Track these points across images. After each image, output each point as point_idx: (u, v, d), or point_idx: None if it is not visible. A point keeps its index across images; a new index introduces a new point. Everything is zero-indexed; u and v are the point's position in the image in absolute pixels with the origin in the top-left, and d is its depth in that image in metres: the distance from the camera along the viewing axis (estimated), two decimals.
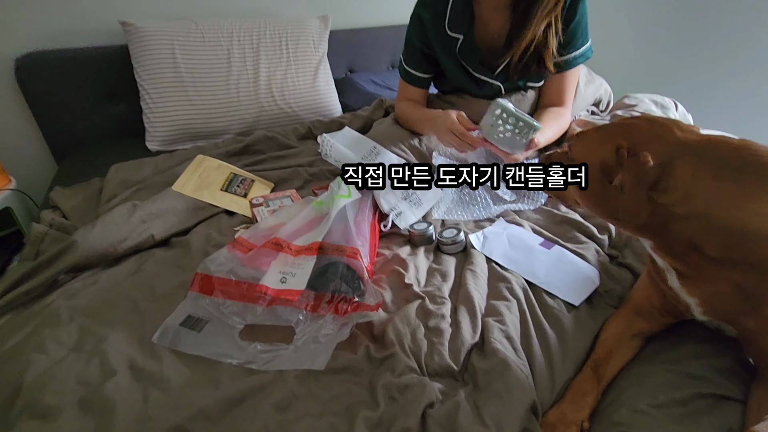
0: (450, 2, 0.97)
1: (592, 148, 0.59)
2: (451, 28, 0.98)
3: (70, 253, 0.72)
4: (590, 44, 1.00)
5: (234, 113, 1.32)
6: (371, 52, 1.80)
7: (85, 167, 1.17)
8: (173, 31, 1.28)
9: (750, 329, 0.52)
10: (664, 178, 0.50)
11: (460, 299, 0.66)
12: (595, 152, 0.58)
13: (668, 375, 0.55)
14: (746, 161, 0.48)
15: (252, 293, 0.63)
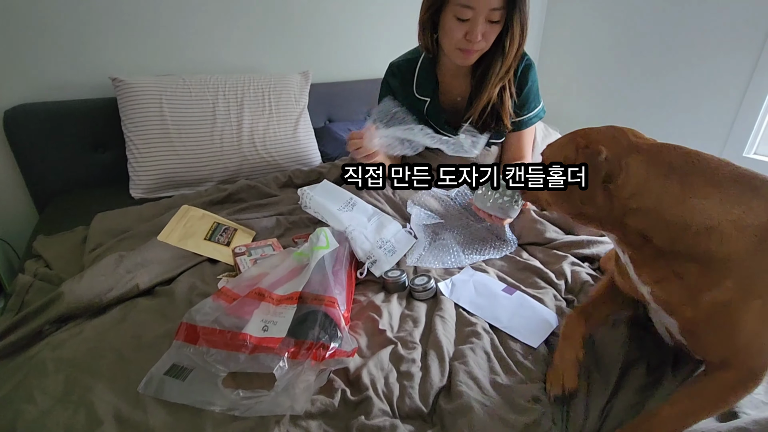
0: (417, 69, 1.10)
1: (558, 150, 0.68)
2: (419, 91, 1.11)
3: (57, 304, 0.75)
4: (543, 106, 1.14)
5: (217, 162, 1.38)
6: (349, 104, 1.91)
7: (67, 215, 1.20)
8: (161, 87, 1.35)
9: (688, 318, 0.58)
10: (620, 174, 0.58)
11: (430, 344, 0.72)
12: (560, 152, 0.67)
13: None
14: (692, 165, 0.56)
15: (235, 341, 0.67)
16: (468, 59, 1.01)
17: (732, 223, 0.52)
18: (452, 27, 0.97)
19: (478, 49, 0.99)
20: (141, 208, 1.15)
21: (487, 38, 0.97)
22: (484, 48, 1.00)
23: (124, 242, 0.99)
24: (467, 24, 0.95)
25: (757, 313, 0.53)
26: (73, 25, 1.35)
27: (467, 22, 0.95)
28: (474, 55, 1.01)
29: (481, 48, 0.99)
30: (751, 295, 0.53)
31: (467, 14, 0.93)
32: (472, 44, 0.97)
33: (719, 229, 0.53)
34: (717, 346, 0.57)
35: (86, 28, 1.37)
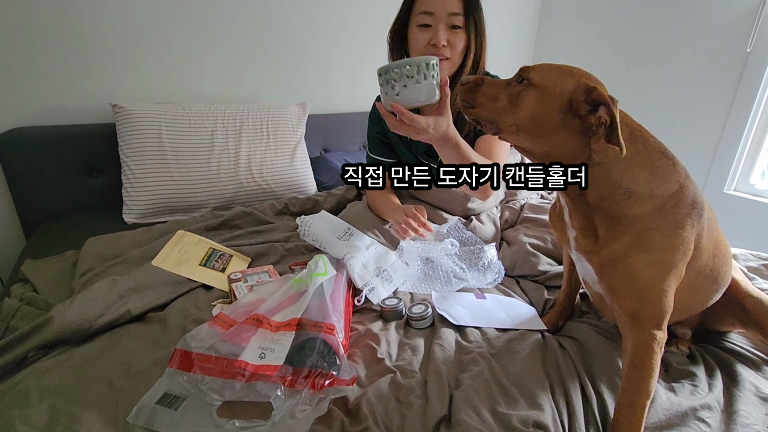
0: None
1: (558, 79, 0.62)
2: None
3: (44, 329, 0.72)
4: None
5: (213, 189, 1.39)
6: (344, 134, 1.96)
7: (56, 240, 1.18)
8: (161, 114, 1.37)
9: (597, 264, 0.67)
10: (617, 129, 0.57)
11: (430, 373, 0.71)
12: (561, 84, 0.61)
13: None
14: (641, 134, 0.63)
15: (231, 369, 0.65)
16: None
17: (648, 191, 0.61)
18: (416, 37, 1.02)
19: (445, 59, 1.02)
20: (134, 233, 1.14)
21: (452, 45, 1.01)
22: (454, 58, 1.03)
23: (117, 267, 0.97)
24: (430, 30, 1.00)
25: (647, 264, 0.61)
26: (74, 52, 1.37)
27: (430, 28, 1.00)
28: (444, 65, 1.02)
29: (447, 57, 1.02)
30: (642, 247, 0.61)
31: (428, 20, 0.99)
32: (437, 49, 1.00)
33: (637, 194, 0.61)
34: (623, 294, 0.64)
35: (87, 55, 1.40)
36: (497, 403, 0.65)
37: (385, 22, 1.91)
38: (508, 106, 0.65)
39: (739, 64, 1.70)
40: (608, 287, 0.66)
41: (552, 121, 0.62)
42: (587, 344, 0.76)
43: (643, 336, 0.63)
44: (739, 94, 1.71)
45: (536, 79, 0.63)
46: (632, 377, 0.63)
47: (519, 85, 0.65)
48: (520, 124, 0.64)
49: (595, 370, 0.71)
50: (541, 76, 0.63)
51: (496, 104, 0.66)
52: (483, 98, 0.68)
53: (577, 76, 0.62)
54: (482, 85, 0.69)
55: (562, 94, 0.61)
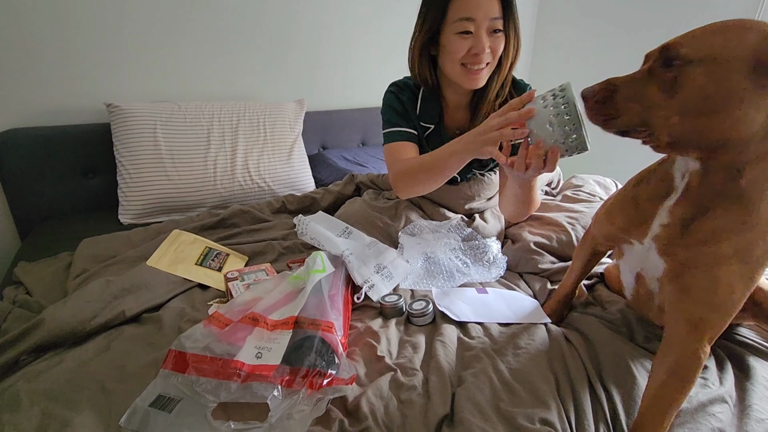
0: (420, 96, 1.09)
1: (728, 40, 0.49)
2: (422, 118, 1.09)
3: (36, 331, 0.71)
4: None
5: (210, 188, 1.37)
6: (343, 131, 1.94)
7: (51, 242, 1.17)
8: (157, 113, 1.35)
9: (680, 260, 0.60)
10: None
11: (431, 370, 0.69)
12: (737, 43, 0.48)
13: None
14: None
15: (227, 369, 0.63)
16: (477, 79, 0.97)
17: None
18: (455, 44, 0.92)
19: (484, 66, 0.96)
20: (130, 233, 1.12)
21: (494, 51, 0.94)
22: (493, 63, 0.97)
23: (111, 268, 0.95)
24: (471, 38, 0.92)
25: (740, 276, 0.56)
26: (69, 52, 1.36)
27: (470, 36, 0.91)
28: (482, 74, 0.97)
29: (488, 62, 0.96)
30: (742, 258, 0.55)
31: (469, 27, 0.90)
32: (479, 58, 0.93)
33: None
34: (697, 299, 0.58)
35: (81, 54, 1.38)
36: (501, 401, 0.63)
37: (383, 17, 1.90)
38: (663, 98, 0.53)
39: None
40: (681, 288, 0.60)
41: (738, 92, 0.49)
42: (594, 338, 0.74)
43: (695, 346, 0.58)
44: None
45: (693, 53, 0.50)
46: (670, 386, 0.59)
47: (668, 70, 0.52)
48: (686, 110, 0.52)
49: (603, 366, 0.69)
50: (698, 46, 0.50)
51: (646, 102, 0.54)
52: (627, 103, 0.56)
53: (754, 27, 0.48)
54: (618, 90, 0.56)
55: (742, 57, 0.48)
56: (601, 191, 1.28)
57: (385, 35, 1.95)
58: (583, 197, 1.22)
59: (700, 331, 0.58)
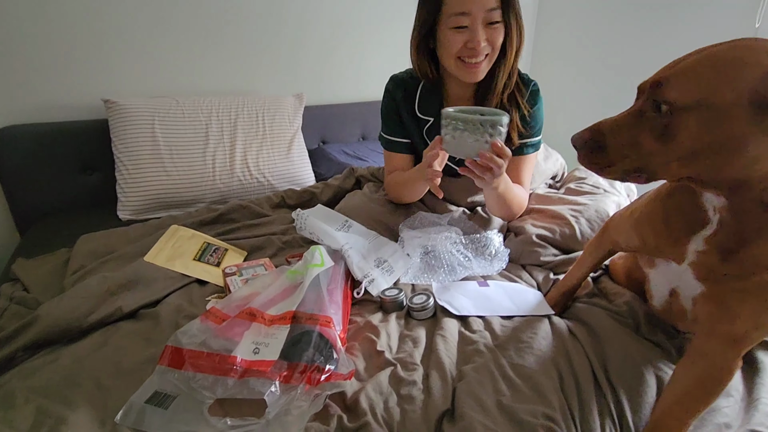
0: (419, 88, 1.07)
1: (722, 80, 0.44)
2: (421, 111, 1.08)
3: (32, 328, 0.70)
4: (540, 138, 1.11)
5: (209, 183, 1.36)
6: (343, 126, 1.92)
7: (50, 238, 1.16)
8: (155, 108, 1.34)
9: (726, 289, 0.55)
10: None
11: (432, 365, 0.67)
12: (732, 82, 0.43)
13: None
14: None
15: (224, 365, 0.62)
16: (475, 73, 0.95)
17: None
18: (450, 39, 0.91)
19: (483, 59, 0.94)
20: (128, 229, 1.11)
21: (492, 42, 0.92)
22: (492, 55, 0.95)
23: (109, 264, 0.94)
24: (466, 32, 0.90)
25: None
26: (66, 48, 1.35)
27: (466, 30, 0.90)
28: (481, 68, 0.95)
29: (486, 54, 0.93)
30: None
31: (464, 21, 0.89)
32: (476, 51, 0.91)
33: None
34: (743, 316, 0.54)
35: (79, 50, 1.37)
36: (502, 396, 0.62)
37: (383, 10, 1.88)
38: (657, 146, 0.49)
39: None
40: (724, 310, 0.56)
41: (739, 133, 0.44)
42: (600, 331, 0.72)
43: (730, 360, 0.56)
44: None
45: (683, 97, 0.46)
46: (696, 396, 0.56)
47: (659, 115, 0.48)
48: (684, 157, 0.48)
49: (608, 360, 0.67)
50: (688, 89, 0.46)
51: (639, 149, 0.50)
52: (619, 151, 0.52)
53: (756, 59, 0.43)
54: (607, 137, 0.52)
55: (739, 100, 0.43)
56: (605, 182, 1.25)
57: (385, 28, 1.93)
58: (586, 189, 1.20)
59: (738, 346, 0.56)
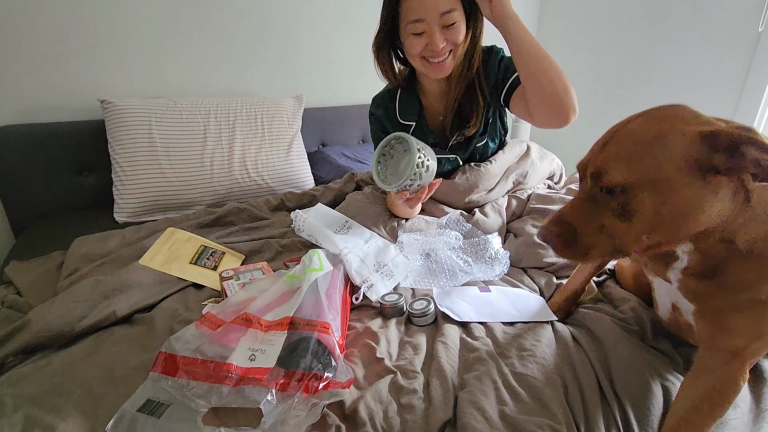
0: (398, 97, 1.11)
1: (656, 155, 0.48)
2: (403, 117, 1.11)
3: (22, 333, 0.68)
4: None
5: (206, 185, 1.34)
6: (343, 128, 1.91)
7: (46, 240, 1.14)
8: (152, 109, 1.33)
9: (715, 307, 0.56)
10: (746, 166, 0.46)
11: (433, 373, 0.66)
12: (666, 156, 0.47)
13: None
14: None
15: (218, 372, 0.60)
16: (441, 70, 0.97)
17: None
18: (412, 44, 0.94)
19: (446, 56, 0.95)
20: (123, 231, 1.09)
21: (453, 40, 0.93)
22: (457, 51, 0.96)
23: (104, 267, 0.93)
24: (425, 36, 0.92)
25: None
26: (62, 47, 1.33)
27: (424, 34, 0.92)
28: (446, 64, 0.96)
29: (449, 51, 0.95)
30: None
31: (420, 27, 0.91)
32: (436, 53, 0.94)
33: None
34: (741, 332, 0.54)
35: (75, 50, 1.35)
36: (505, 406, 0.60)
37: None
38: (622, 225, 0.51)
39: (752, 43, 1.63)
40: (719, 326, 0.56)
41: (690, 198, 0.47)
42: (604, 338, 0.70)
43: (735, 373, 0.55)
44: (751, 73, 1.65)
45: (629, 179, 0.49)
46: (703, 410, 0.55)
47: (612, 197, 0.51)
48: (650, 231, 0.51)
49: (613, 369, 0.65)
50: (631, 171, 0.48)
51: (607, 234, 0.52)
52: (592, 237, 0.53)
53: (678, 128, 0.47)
54: (576, 226, 0.54)
55: (677, 167, 0.46)
56: None
57: None
58: None
59: (742, 359, 0.55)
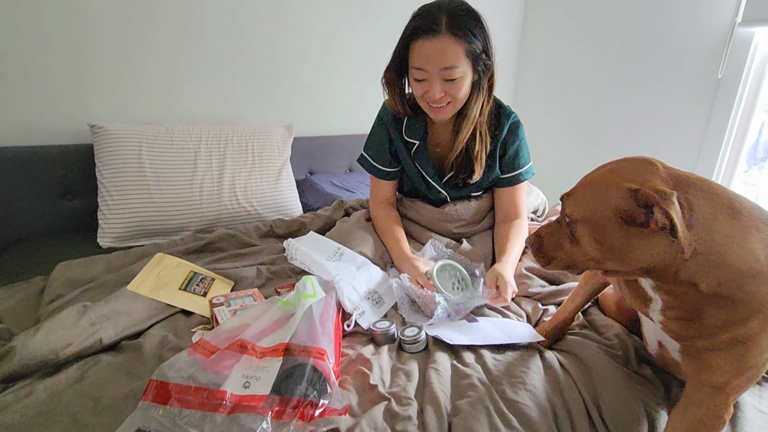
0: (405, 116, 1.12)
1: (595, 201, 0.57)
2: (408, 134, 1.12)
3: (5, 361, 0.66)
4: (532, 164, 1.16)
5: (195, 211, 1.34)
6: (330, 157, 1.95)
7: (23, 265, 1.12)
8: (142, 134, 1.33)
9: (698, 347, 0.58)
10: (689, 215, 0.51)
11: (426, 399, 0.66)
12: (601, 203, 0.56)
13: None
14: (740, 204, 0.53)
15: (212, 400, 0.60)
16: (439, 114, 1.01)
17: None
18: (414, 86, 0.99)
19: (445, 104, 0.98)
20: (109, 256, 1.07)
21: (452, 94, 0.96)
22: (456, 103, 0.99)
23: (89, 293, 0.91)
24: (426, 83, 0.96)
25: (767, 340, 0.54)
26: (53, 71, 1.34)
27: (425, 81, 0.96)
28: (445, 111, 1.00)
29: (447, 103, 0.98)
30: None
31: (422, 75, 0.95)
32: (434, 102, 0.97)
33: (763, 272, 0.51)
34: (723, 369, 0.56)
35: (65, 74, 1.36)
36: (498, 431, 0.61)
37: (371, 46, 1.95)
38: (574, 248, 0.61)
39: (711, 89, 1.77)
40: (702, 364, 0.58)
41: (620, 241, 0.55)
42: (591, 364, 0.73)
43: (719, 408, 0.57)
44: (712, 118, 1.78)
45: (575, 213, 0.60)
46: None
47: (567, 224, 0.61)
48: (594, 258, 0.59)
49: (600, 397, 0.67)
50: (576, 206, 0.60)
51: (564, 251, 0.63)
52: (551, 250, 0.66)
53: (617, 182, 0.55)
54: (543, 239, 0.67)
55: (609, 214, 0.55)
56: None
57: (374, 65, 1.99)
58: None
59: (725, 395, 0.57)
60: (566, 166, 2.38)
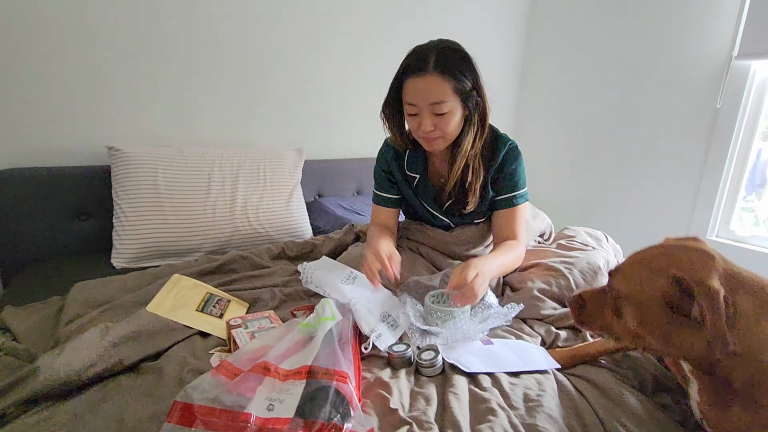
0: (407, 150, 1.16)
1: (643, 281, 0.58)
2: (409, 168, 1.16)
3: (29, 381, 0.67)
4: (527, 191, 1.18)
5: (208, 232, 1.36)
6: (339, 180, 1.98)
7: (38, 286, 1.12)
8: (159, 157, 1.36)
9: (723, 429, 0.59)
10: (734, 317, 0.51)
11: (447, 424, 0.67)
12: (649, 285, 0.57)
13: None
14: None
15: (237, 422, 0.60)
16: (431, 146, 1.05)
17: None
18: (409, 121, 1.05)
19: (437, 138, 1.02)
20: (125, 277, 1.09)
21: (442, 128, 1.00)
22: (447, 136, 1.03)
23: (107, 313, 0.92)
24: (417, 118, 1.01)
25: None
26: (72, 94, 1.38)
27: (417, 116, 1.00)
28: (437, 142, 1.03)
29: (439, 136, 1.02)
30: None
31: (414, 110, 0.99)
32: (425, 134, 1.01)
33: None
34: None
35: (85, 97, 1.40)
36: None
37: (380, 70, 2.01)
38: (614, 320, 0.63)
39: (711, 118, 1.82)
40: None
41: (663, 325, 0.56)
42: (606, 389, 0.73)
43: None
44: (712, 147, 1.82)
45: (622, 288, 0.61)
46: None
47: (613, 297, 0.63)
48: (634, 333, 0.61)
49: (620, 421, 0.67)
50: (625, 283, 0.61)
51: (604, 320, 0.65)
52: (590, 317, 0.69)
53: (667, 268, 0.56)
54: (587, 302, 0.69)
55: (657, 296, 0.56)
56: (593, 242, 1.32)
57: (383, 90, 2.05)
58: (576, 246, 1.26)
59: None
60: (567, 192, 2.42)
